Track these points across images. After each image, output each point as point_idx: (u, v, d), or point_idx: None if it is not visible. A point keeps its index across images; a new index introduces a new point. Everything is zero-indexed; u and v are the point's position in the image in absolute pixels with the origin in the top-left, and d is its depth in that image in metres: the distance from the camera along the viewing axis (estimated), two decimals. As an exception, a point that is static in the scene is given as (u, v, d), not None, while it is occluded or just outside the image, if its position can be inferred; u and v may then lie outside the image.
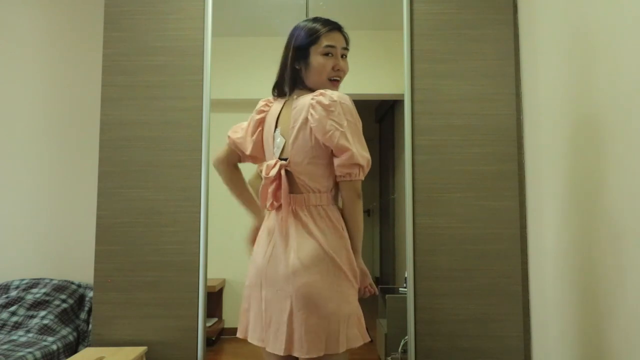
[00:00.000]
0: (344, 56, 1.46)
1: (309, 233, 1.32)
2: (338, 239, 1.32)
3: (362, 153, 1.33)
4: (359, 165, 1.32)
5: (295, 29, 1.46)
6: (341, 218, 1.37)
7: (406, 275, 2.23)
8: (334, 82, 1.44)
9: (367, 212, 2.74)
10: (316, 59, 1.41)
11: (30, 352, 2.01)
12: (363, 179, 1.35)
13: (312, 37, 1.42)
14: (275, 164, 1.37)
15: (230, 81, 2.37)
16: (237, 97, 2.38)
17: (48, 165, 2.69)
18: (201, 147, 2.27)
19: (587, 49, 1.64)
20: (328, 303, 1.27)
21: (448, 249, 2.23)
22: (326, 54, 1.42)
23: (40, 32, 2.75)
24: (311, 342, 1.25)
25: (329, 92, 1.35)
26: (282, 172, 1.36)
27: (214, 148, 2.26)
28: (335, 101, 1.32)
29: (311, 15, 2.30)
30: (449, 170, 2.26)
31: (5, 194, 2.68)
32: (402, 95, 2.30)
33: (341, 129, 1.30)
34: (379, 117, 2.73)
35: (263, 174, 1.40)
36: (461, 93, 2.29)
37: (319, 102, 1.33)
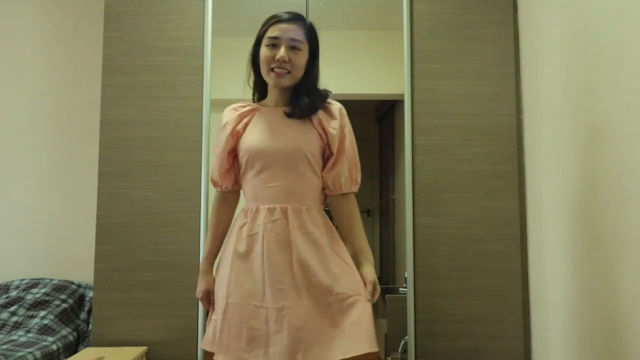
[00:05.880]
0: (294, 48, 1.40)
1: None
2: None
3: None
4: None
5: None
6: None
7: (406, 275, 2.23)
8: (276, 73, 1.40)
9: (367, 212, 2.74)
10: (261, 50, 1.42)
11: (30, 352, 2.01)
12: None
13: (261, 30, 1.44)
14: None
15: (230, 81, 2.37)
16: (237, 97, 2.37)
17: (48, 165, 2.69)
18: (201, 147, 2.27)
19: (587, 49, 1.63)
20: None
21: (448, 249, 2.23)
22: (268, 45, 1.40)
23: (40, 32, 2.75)
24: None
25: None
26: None
27: (213, 148, 2.25)
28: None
29: (311, 16, 2.31)
30: (449, 170, 2.26)
31: (5, 194, 2.68)
32: (402, 95, 2.30)
33: None
34: (379, 117, 2.72)
35: None
36: (461, 93, 2.29)
37: None
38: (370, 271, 1.40)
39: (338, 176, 1.43)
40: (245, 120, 1.48)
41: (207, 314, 1.60)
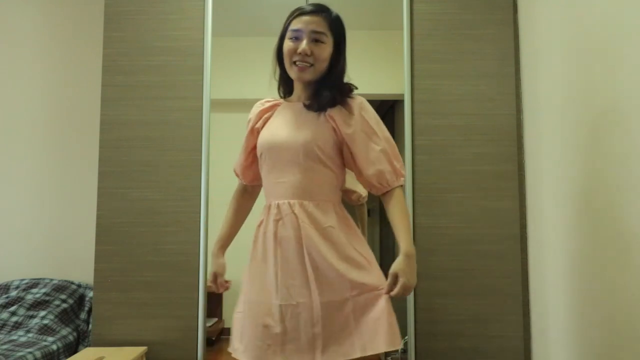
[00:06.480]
0: (317, 40, 1.36)
1: None
2: None
3: None
4: None
5: None
6: None
7: (406, 275, 2.23)
8: (299, 67, 1.37)
9: (368, 212, 2.74)
10: (284, 44, 1.40)
11: (30, 352, 2.01)
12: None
13: (285, 24, 1.42)
14: None
15: (230, 81, 2.37)
16: (237, 97, 2.38)
17: (48, 165, 2.69)
18: (201, 147, 2.27)
19: (587, 49, 1.64)
20: None
21: (448, 249, 2.23)
22: (291, 38, 1.38)
23: (40, 32, 2.75)
24: None
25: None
26: None
27: (214, 148, 2.26)
28: None
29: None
30: (449, 170, 2.26)
31: (5, 194, 2.68)
32: (402, 95, 2.30)
33: None
34: (379, 117, 2.72)
35: None
36: (461, 93, 2.29)
37: None
38: (395, 263, 1.30)
39: (381, 173, 1.35)
40: (266, 116, 1.48)
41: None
